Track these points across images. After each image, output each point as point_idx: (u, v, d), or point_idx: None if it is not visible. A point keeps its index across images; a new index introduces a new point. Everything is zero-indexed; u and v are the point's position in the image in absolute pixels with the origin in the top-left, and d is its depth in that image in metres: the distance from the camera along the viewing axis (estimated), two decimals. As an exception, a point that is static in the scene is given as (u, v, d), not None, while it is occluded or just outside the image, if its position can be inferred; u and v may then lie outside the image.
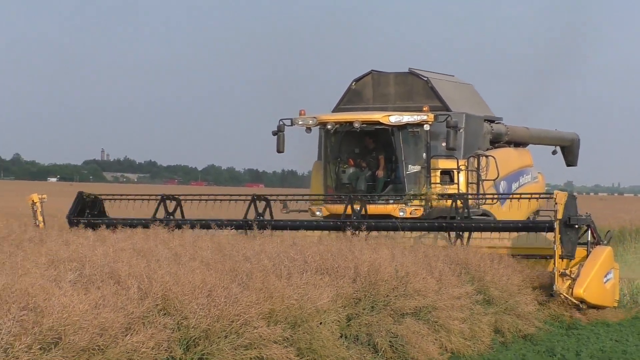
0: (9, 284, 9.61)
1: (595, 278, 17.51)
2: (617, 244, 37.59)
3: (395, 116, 19.68)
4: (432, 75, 21.63)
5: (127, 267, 11.39)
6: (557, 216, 17.06)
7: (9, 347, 8.75)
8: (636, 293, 20.90)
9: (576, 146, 27.45)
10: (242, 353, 11.01)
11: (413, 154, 20.21)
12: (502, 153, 22.39)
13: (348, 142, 20.75)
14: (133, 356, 9.76)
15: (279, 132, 20.74)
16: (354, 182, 20.47)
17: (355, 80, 21.70)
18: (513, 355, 14.30)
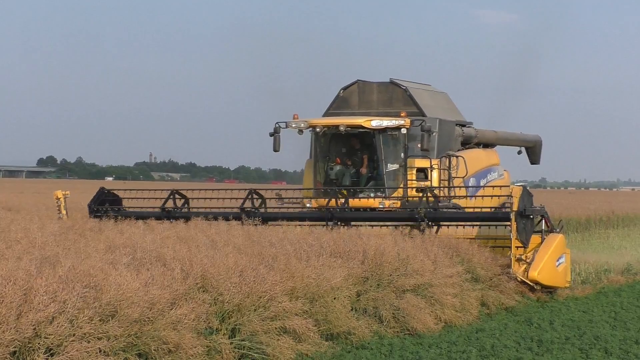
0: (73, 266, 9.62)
1: (549, 262, 17.07)
2: (584, 231, 37.56)
3: (376, 121, 19.37)
4: (411, 84, 21.21)
5: (172, 252, 11.40)
6: (512, 208, 16.63)
7: (74, 318, 8.76)
8: (601, 272, 20.84)
9: (539, 147, 26.82)
10: (268, 324, 11.00)
11: (392, 154, 19.79)
12: (471, 153, 21.94)
13: (336, 143, 20.27)
14: (177, 327, 9.75)
15: (275, 133, 20.21)
16: (340, 178, 19.93)
17: (343, 89, 21.25)
18: (497, 324, 14.27)
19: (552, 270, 17.18)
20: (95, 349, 8.71)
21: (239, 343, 10.66)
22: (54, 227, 14.25)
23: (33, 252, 10.65)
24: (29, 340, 8.35)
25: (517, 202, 16.56)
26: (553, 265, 17.22)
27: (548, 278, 17.09)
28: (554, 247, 17.35)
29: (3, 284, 8.48)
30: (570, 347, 12.44)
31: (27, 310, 8.39)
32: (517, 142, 25.86)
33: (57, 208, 20.28)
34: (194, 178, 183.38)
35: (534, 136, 26.75)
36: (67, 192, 20.70)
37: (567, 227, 37.35)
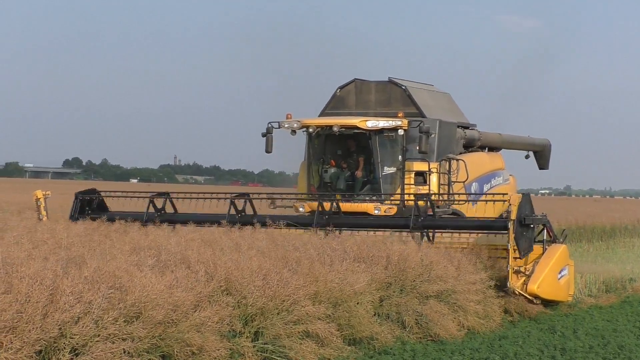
0: (99, 267, 9.67)
1: (549, 275, 15.99)
2: (609, 239, 37.28)
3: (372, 121, 18.36)
4: (410, 84, 20.11)
5: (196, 254, 11.42)
6: (511, 216, 15.44)
7: (99, 319, 8.82)
8: (626, 280, 20.69)
9: (547, 151, 25.38)
10: (291, 327, 11.01)
11: (389, 156, 18.73)
12: (474, 157, 20.86)
13: (332, 144, 19.20)
14: (201, 329, 9.79)
15: (267, 134, 19.20)
16: (334, 182, 18.91)
17: (340, 88, 20.22)
18: (520, 332, 14.22)
19: (553, 283, 16.13)
20: (119, 350, 8.77)
21: (262, 346, 10.68)
22: (79, 229, 14.34)
23: (59, 252, 10.73)
24: (54, 339, 8.41)
25: (515, 210, 15.44)
26: (554, 278, 16.20)
27: (549, 291, 16.03)
28: (556, 259, 16.30)
29: (30, 284, 8.55)
30: (594, 356, 12.39)
31: (53, 310, 8.46)
32: (524, 145, 24.65)
33: (37, 209, 19.33)
34: (218, 181, 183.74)
35: (543, 140, 25.47)
36: (48, 192, 19.63)
37: (592, 235, 37.18)
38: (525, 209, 15.73)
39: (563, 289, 16.49)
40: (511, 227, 15.34)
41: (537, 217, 16.08)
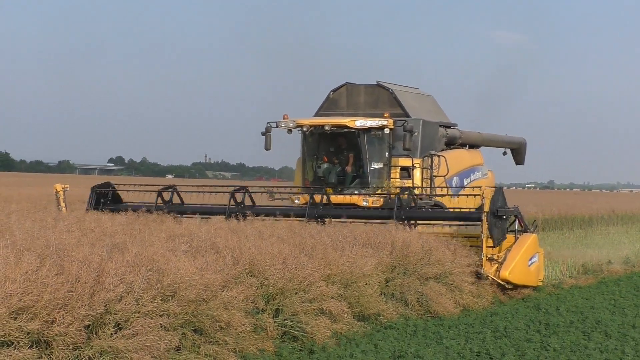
0: (139, 252, 9.67)
1: (520, 262, 15.49)
2: (587, 227, 37.12)
3: (360, 121, 17.96)
4: (396, 87, 19.78)
5: (224, 241, 11.41)
6: (484, 209, 14.94)
7: (139, 297, 8.82)
8: (603, 263, 20.60)
9: (523, 148, 24.88)
10: (307, 305, 11.01)
11: (377, 153, 18.29)
12: (454, 153, 20.32)
13: (325, 142, 18.76)
14: (228, 307, 9.77)
15: (266, 132, 18.68)
16: (327, 176, 18.48)
17: (332, 91, 19.85)
18: (509, 309, 14.17)
19: (524, 270, 15.64)
20: (157, 325, 8.76)
21: (282, 322, 10.68)
22: (122, 219, 14.35)
23: (104, 239, 10.75)
24: (100, 315, 8.42)
25: (488, 203, 14.95)
26: (525, 265, 15.69)
27: (520, 277, 15.57)
28: (526, 247, 15.80)
29: (79, 267, 8.56)
30: (574, 330, 12.34)
31: (99, 290, 8.46)
32: (501, 143, 24.15)
33: (57, 201, 18.66)
34: (243, 177, 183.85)
35: (519, 138, 25.04)
36: (67, 185, 18.92)
37: (572, 224, 37.02)
38: (498, 201, 15.24)
39: (533, 274, 16.03)
40: (484, 218, 14.90)
41: (510, 209, 15.57)
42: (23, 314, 7.71)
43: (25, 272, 7.97)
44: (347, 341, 10.97)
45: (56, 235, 10.19)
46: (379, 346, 10.68)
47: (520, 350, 10.75)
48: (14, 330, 7.59)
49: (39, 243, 9.52)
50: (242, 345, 9.75)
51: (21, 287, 7.75)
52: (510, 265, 15.29)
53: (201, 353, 9.28)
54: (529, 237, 16.03)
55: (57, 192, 18.63)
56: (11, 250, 8.65)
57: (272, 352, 10.05)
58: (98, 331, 8.40)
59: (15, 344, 7.62)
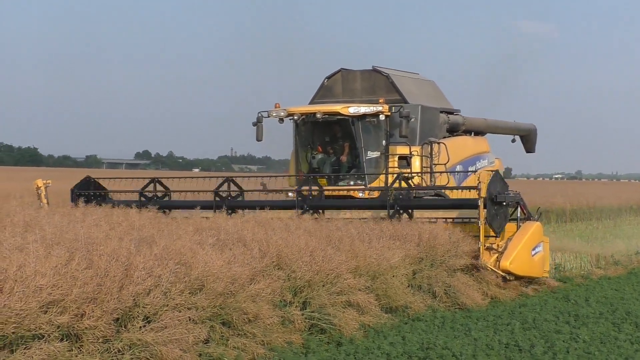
0: (167, 245, 9.71)
1: (522, 251, 14.42)
2: (616, 217, 36.79)
3: (354, 107, 16.88)
4: (393, 72, 18.57)
5: (251, 234, 11.43)
6: (480, 194, 13.90)
7: (168, 291, 8.86)
8: (632, 254, 20.43)
9: (533, 135, 23.46)
10: (335, 298, 11.01)
11: (373, 141, 17.18)
12: (457, 141, 19.09)
13: (320, 132, 17.69)
14: (256, 299, 9.80)
15: (257, 123, 17.73)
16: (321, 167, 17.47)
17: (327, 78, 18.65)
18: (537, 300, 14.09)
19: (526, 260, 14.57)
20: (185, 318, 8.80)
21: (309, 314, 10.68)
22: (149, 213, 14.39)
23: (132, 233, 10.79)
24: (129, 309, 8.46)
25: (485, 187, 13.92)
26: (528, 255, 14.63)
27: (522, 268, 14.49)
28: (529, 236, 14.71)
29: (108, 261, 8.61)
30: (604, 321, 12.24)
31: (127, 283, 8.51)
32: (509, 130, 22.78)
33: (38, 197, 17.81)
34: (268, 169, 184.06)
35: (528, 125, 23.61)
36: (49, 181, 18.03)
37: (601, 215, 36.69)
38: (497, 187, 14.24)
39: (537, 265, 14.97)
40: (481, 205, 13.90)
41: (510, 195, 14.52)
42: (53, 308, 7.77)
43: (54, 266, 8.03)
44: (374, 333, 10.96)
45: (85, 229, 10.26)
46: (406, 338, 10.66)
47: (549, 341, 10.68)
48: (45, 324, 7.65)
49: (68, 237, 9.59)
50: (270, 337, 9.77)
51: (51, 281, 7.81)
52: (511, 255, 14.28)
53: (229, 346, 9.31)
54: (532, 225, 15.03)
55: (39, 188, 17.88)
56: (41, 245, 8.72)
57: (300, 345, 10.06)
58: (127, 324, 8.45)
59: (46, 337, 7.69)
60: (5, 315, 7.33)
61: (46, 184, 17.83)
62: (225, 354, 9.12)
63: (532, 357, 9.85)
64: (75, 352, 7.90)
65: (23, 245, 8.75)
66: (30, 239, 9.00)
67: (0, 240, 9.17)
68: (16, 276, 7.68)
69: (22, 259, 8.04)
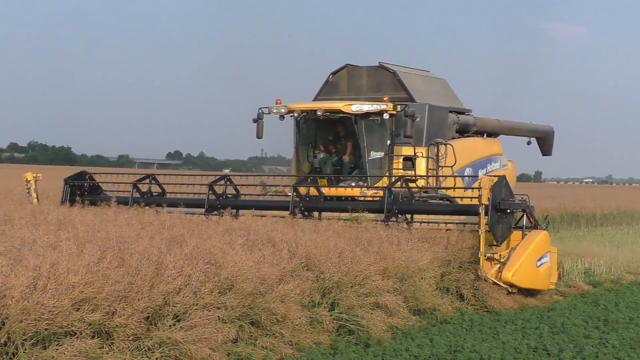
0: (197, 245, 9.77)
1: (527, 262, 13.43)
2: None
3: (357, 105, 15.89)
4: (401, 69, 17.59)
5: (280, 235, 11.45)
6: (481, 201, 12.95)
7: (197, 290, 8.90)
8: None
9: (550, 138, 22.26)
10: (363, 299, 10.99)
11: (377, 141, 16.24)
12: (467, 142, 18.11)
13: (323, 130, 16.77)
14: (284, 300, 9.80)
15: (258, 119, 16.78)
16: (322, 166, 16.57)
17: (332, 73, 17.73)
18: (566, 305, 13.96)
19: (531, 271, 13.57)
20: (214, 317, 8.83)
21: (338, 315, 10.67)
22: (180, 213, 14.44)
23: (163, 232, 10.87)
24: (159, 307, 8.51)
25: (487, 194, 12.95)
26: (533, 266, 13.61)
27: (526, 280, 13.48)
28: (535, 245, 13.68)
29: (139, 259, 8.67)
30: (634, 326, 12.11)
31: (158, 282, 8.56)
32: (524, 132, 21.60)
33: (27, 191, 17.00)
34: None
35: (545, 127, 22.38)
36: (39, 174, 17.16)
37: (631, 220, 36.28)
38: (501, 193, 13.25)
39: (543, 277, 13.93)
40: (482, 212, 12.89)
41: (515, 202, 13.54)
42: (85, 305, 7.84)
43: (87, 264, 8.11)
44: (402, 335, 10.93)
45: (116, 228, 10.34)
46: (434, 340, 10.62)
47: (578, 346, 10.59)
48: (77, 321, 7.72)
49: (100, 235, 9.68)
50: (298, 338, 9.78)
51: (83, 279, 7.88)
52: (514, 266, 13.28)
53: (258, 345, 9.33)
54: (539, 234, 13.98)
55: (28, 182, 17.04)
56: (73, 243, 8.81)
57: (328, 346, 10.05)
58: (157, 323, 8.50)
59: (78, 334, 7.76)
60: (38, 312, 7.41)
61: (36, 177, 17.08)
62: (253, 353, 9.14)
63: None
64: (106, 350, 7.96)
65: (56, 243, 8.84)
66: (63, 237, 9.09)
67: (34, 238, 9.27)
68: (49, 273, 7.76)
69: (55, 256, 8.12)
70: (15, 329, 7.32)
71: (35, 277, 7.64)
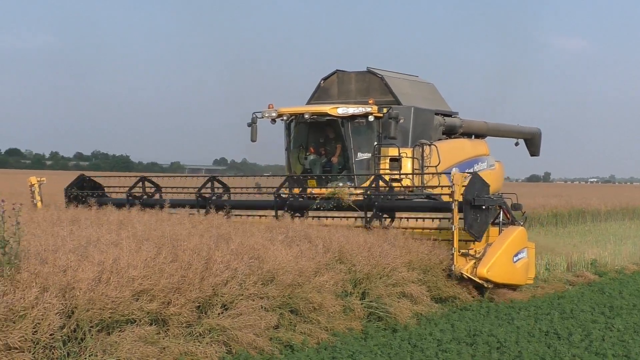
0: (242, 242, 9.81)
1: (503, 258, 12.29)
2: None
3: (342, 108, 15.04)
4: (388, 73, 16.67)
5: (316, 232, 11.45)
6: (454, 197, 11.88)
7: (243, 282, 8.93)
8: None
9: (537, 139, 21.23)
10: (391, 289, 10.96)
11: (364, 142, 15.27)
12: (450, 143, 17.01)
13: (314, 133, 15.82)
14: (320, 290, 9.80)
15: (252, 123, 15.92)
16: (312, 168, 15.67)
17: (323, 79, 16.83)
18: (575, 293, 13.79)
19: (507, 267, 12.42)
20: (258, 306, 8.86)
21: (368, 304, 10.65)
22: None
23: (211, 230, 10.92)
24: (209, 298, 8.56)
25: (459, 190, 11.91)
26: (509, 261, 12.47)
27: (501, 275, 12.35)
28: (511, 241, 12.52)
29: (191, 255, 8.72)
30: (637, 312, 11.93)
31: (207, 275, 8.61)
32: (511, 133, 20.51)
33: (31, 194, 16.06)
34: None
35: (532, 128, 21.31)
36: (43, 178, 16.17)
37: (633, 215, 35.76)
38: (475, 189, 12.09)
39: (520, 272, 12.79)
40: (455, 208, 11.86)
41: (490, 198, 12.28)
42: (143, 296, 7.90)
43: (144, 259, 8.17)
44: (426, 321, 10.87)
45: (170, 227, 10.41)
46: (455, 326, 10.56)
47: (586, 330, 10.46)
48: (136, 310, 7.78)
49: (156, 234, 9.74)
50: (333, 324, 9.77)
51: (142, 273, 7.94)
52: (489, 262, 12.16)
53: (297, 331, 9.34)
54: (515, 230, 12.79)
55: (32, 185, 16.09)
56: (133, 240, 8.88)
57: (360, 331, 10.03)
58: (207, 311, 8.54)
59: (138, 321, 7.82)
60: (103, 302, 7.48)
61: (40, 181, 16.14)
62: (293, 338, 9.15)
63: (570, 344, 9.65)
64: (162, 335, 8.02)
65: (117, 241, 8.93)
66: (123, 235, 9.18)
67: (98, 237, 9.37)
68: (112, 268, 7.84)
69: (117, 253, 8.20)
70: (83, 317, 7.39)
71: (99, 271, 7.71)
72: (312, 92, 16.99)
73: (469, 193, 11.99)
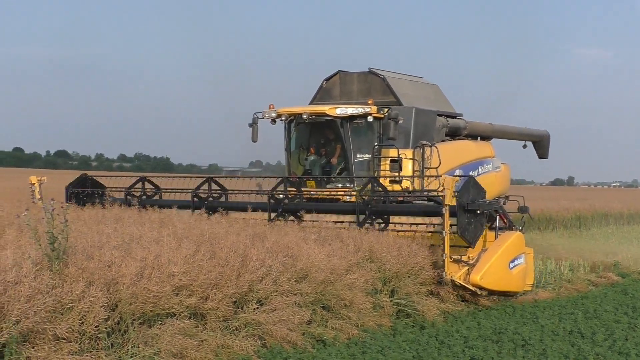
0: (277, 241, 9.81)
1: (497, 264, 11.50)
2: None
3: (341, 108, 14.28)
4: (390, 74, 15.83)
5: (347, 232, 11.42)
6: (444, 201, 11.01)
7: (277, 279, 8.94)
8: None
9: (546, 141, 20.02)
10: (419, 287, 10.91)
11: (363, 143, 14.44)
12: (452, 145, 16.10)
13: (316, 133, 15.07)
14: (351, 287, 9.79)
15: (253, 124, 15.23)
16: (312, 169, 14.90)
17: (325, 80, 16.07)
18: (598, 293, 13.61)
19: (502, 273, 11.60)
20: (291, 302, 8.86)
21: (397, 301, 10.61)
22: (259, 213, 14.06)
23: (247, 229, 10.94)
24: (245, 293, 8.58)
25: (449, 194, 11.03)
26: (504, 268, 11.64)
27: (496, 282, 11.50)
28: (507, 247, 11.71)
29: (228, 253, 8.75)
30: (660, 313, 11.72)
31: (244, 272, 8.62)
32: (517, 135, 19.34)
33: (32, 193, 15.42)
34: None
35: (540, 131, 20.11)
36: (44, 177, 15.56)
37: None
38: (469, 193, 11.32)
39: (516, 278, 11.93)
40: (446, 213, 10.93)
41: (484, 203, 11.44)
42: (183, 291, 7.94)
43: (184, 256, 8.21)
44: (453, 319, 10.79)
45: (208, 226, 10.46)
46: (481, 323, 10.46)
47: (609, 330, 10.30)
48: (176, 304, 7.83)
49: (195, 232, 9.79)
50: (363, 320, 9.75)
51: (181, 269, 7.99)
52: (482, 269, 11.36)
53: (328, 326, 9.32)
54: (511, 235, 11.97)
55: (32, 184, 15.45)
56: (173, 238, 8.94)
57: (389, 327, 9.99)
58: (243, 306, 8.56)
59: (177, 315, 7.87)
60: (145, 297, 7.54)
61: (40, 180, 15.46)
62: (325, 333, 9.13)
63: (593, 343, 9.51)
64: (200, 329, 8.05)
65: (159, 239, 8.98)
66: (164, 233, 9.24)
67: (141, 234, 9.44)
68: (154, 264, 7.89)
69: (158, 249, 8.25)
70: (126, 311, 7.45)
71: (142, 267, 7.76)
72: (314, 93, 16.29)
73: (463, 197, 11.25)
